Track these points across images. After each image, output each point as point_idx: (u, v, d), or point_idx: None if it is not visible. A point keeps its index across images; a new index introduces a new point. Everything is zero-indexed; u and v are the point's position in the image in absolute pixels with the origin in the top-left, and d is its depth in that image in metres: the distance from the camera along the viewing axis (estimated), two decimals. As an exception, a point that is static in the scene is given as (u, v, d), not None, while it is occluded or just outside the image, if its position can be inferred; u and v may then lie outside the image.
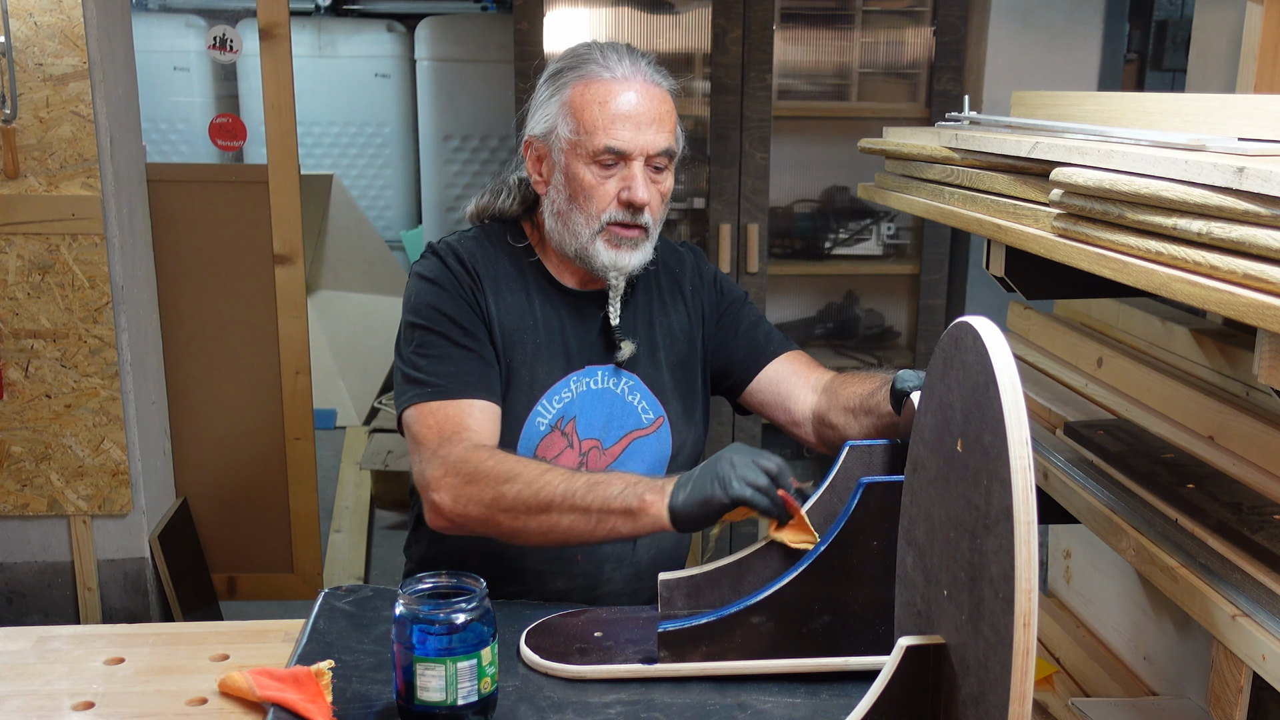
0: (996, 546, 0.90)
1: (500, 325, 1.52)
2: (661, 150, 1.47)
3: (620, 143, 1.45)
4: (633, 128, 1.45)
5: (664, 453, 1.59)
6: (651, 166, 1.48)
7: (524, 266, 1.57)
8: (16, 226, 2.65)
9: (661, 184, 1.50)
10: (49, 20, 2.57)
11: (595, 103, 1.46)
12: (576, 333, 1.56)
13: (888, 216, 3.19)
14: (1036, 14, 2.97)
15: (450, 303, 1.50)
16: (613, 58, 1.48)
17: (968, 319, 0.97)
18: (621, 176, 1.47)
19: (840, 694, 1.25)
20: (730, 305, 1.67)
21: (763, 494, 1.26)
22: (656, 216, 1.51)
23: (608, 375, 1.56)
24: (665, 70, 1.53)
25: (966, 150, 1.47)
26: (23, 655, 1.38)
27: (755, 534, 3.12)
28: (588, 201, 1.47)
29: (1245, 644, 0.99)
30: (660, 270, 1.65)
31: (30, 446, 2.77)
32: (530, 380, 1.53)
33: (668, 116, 1.49)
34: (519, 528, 1.36)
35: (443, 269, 1.53)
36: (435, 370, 1.47)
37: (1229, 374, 1.34)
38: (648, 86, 1.48)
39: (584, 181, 1.47)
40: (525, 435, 1.52)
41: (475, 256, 1.55)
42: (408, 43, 6.14)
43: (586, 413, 1.55)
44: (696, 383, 1.64)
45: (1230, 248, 0.90)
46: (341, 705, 1.21)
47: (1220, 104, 1.12)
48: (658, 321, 1.61)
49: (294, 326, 3.02)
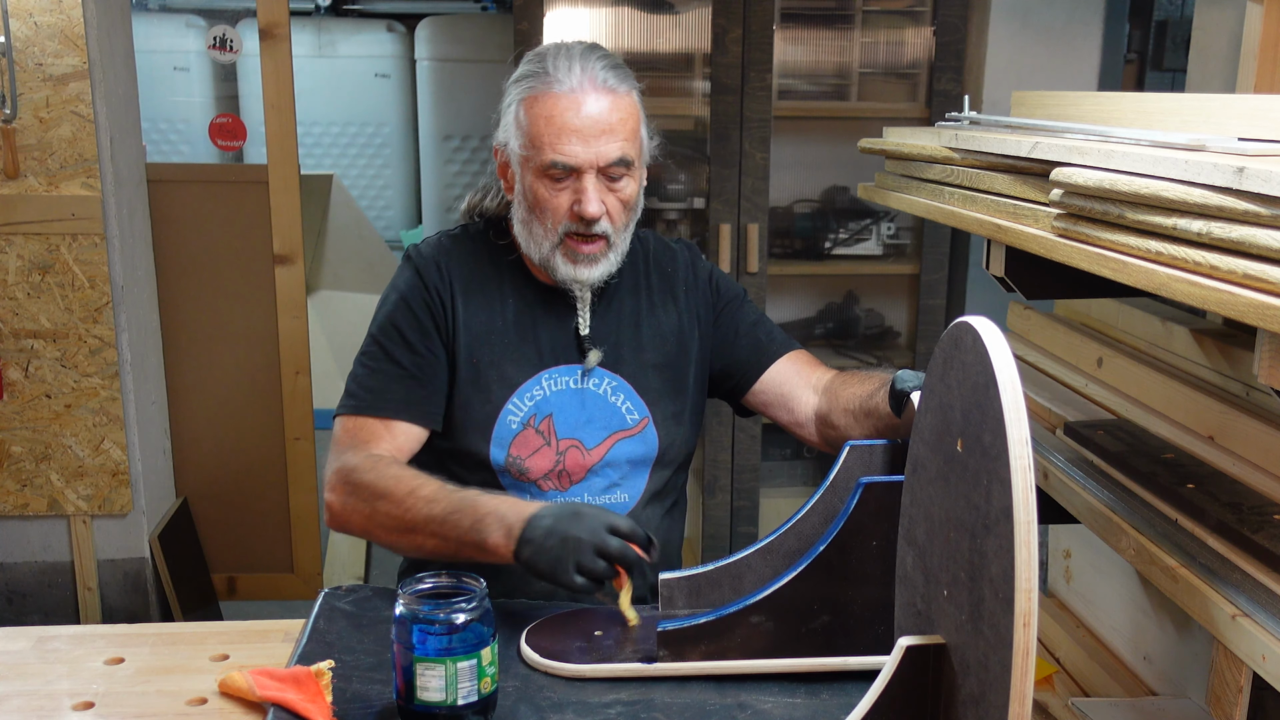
0: (996, 546, 0.90)
1: (466, 328, 1.54)
2: (614, 160, 1.45)
3: (567, 158, 1.44)
4: (580, 141, 1.43)
5: (650, 453, 1.59)
6: (606, 176, 1.47)
7: (502, 265, 1.58)
8: (16, 226, 2.65)
9: (620, 191, 1.48)
10: (49, 20, 2.57)
11: (542, 118, 1.45)
12: (550, 331, 1.57)
13: (888, 216, 3.19)
14: (1036, 14, 2.97)
15: (408, 320, 1.54)
16: (563, 66, 1.45)
17: (968, 319, 0.97)
18: (574, 189, 1.46)
19: (840, 694, 1.25)
20: (728, 304, 1.66)
21: (596, 580, 1.28)
22: (618, 225, 1.50)
23: (588, 375, 1.57)
24: (626, 72, 1.50)
25: (966, 150, 1.47)
26: (23, 655, 1.38)
27: (755, 534, 3.12)
28: (543, 214, 1.48)
29: (1245, 644, 0.99)
30: (651, 269, 1.64)
31: (30, 446, 2.77)
32: (500, 378, 1.54)
33: (622, 124, 1.46)
34: (392, 543, 1.45)
35: (413, 279, 1.56)
36: (369, 385, 1.53)
37: (1229, 374, 1.34)
38: (599, 95, 1.44)
39: (538, 195, 1.48)
40: (497, 433, 1.53)
41: (451, 257, 1.57)
42: (408, 43, 6.14)
43: (564, 411, 1.55)
44: (687, 383, 1.63)
45: (1230, 248, 0.90)
46: (341, 705, 1.21)
47: (1220, 104, 1.12)
48: (645, 322, 1.61)
49: (294, 326, 3.02)
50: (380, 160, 6.36)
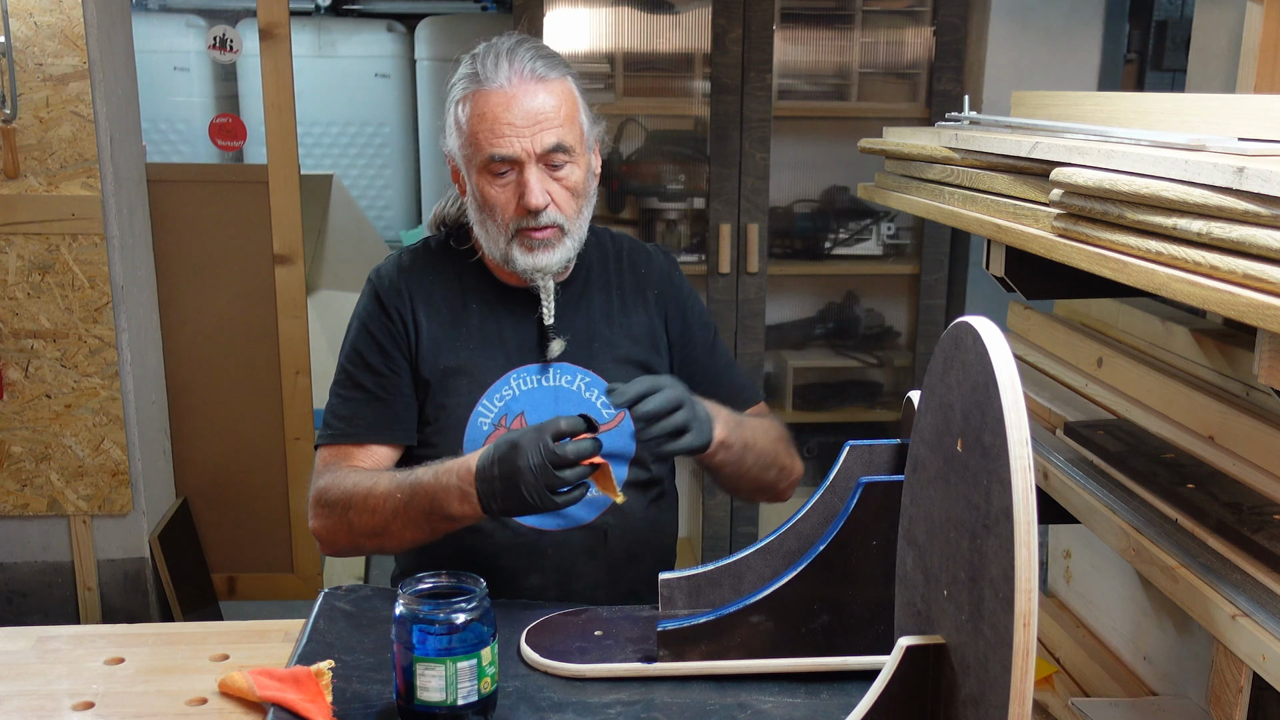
0: (996, 546, 0.91)
1: (430, 339, 1.56)
2: (550, 147, 1.45)
3: (505, 150, 1.45)
4: (515, 133, 1.44)
5: (627, 447, 1.59)
6: (548, 165, 1.47)
7: (464, 270, 1.60)
8: (16, 226, 2.65)
9: (565, 179, 1.48)
10: (49, 20, 2.57)
11: (475, 116, 1.46)
12: (516, 330, 1.57)
13: (888, 216, 3.19)
14: (1036, 14, 2.97)
15: (368, 343, 1.57)
16: (490, 64, 1.46)
17: (968, 319, 0.97)
18: (518, 183, 1.47)
19: (840, 694, 1.25)
20: (695, 337, 1.66)
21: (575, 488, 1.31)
22: (569, 212, 1.50)
23: (560, 372, 1.57)
24: (557, 59, 1.50)
25: (966, 150, 1.47)
26: (23, 655, 1.38)
27: (755, 534, 3.12)
28: (493, 212, 1.49)
29: (1245, 644, 0.99)
30: (625, 268, 1.65)
31: (30, 446, 2.77)
32: (467, 382, 1.55)
33: (556, 111, 1.46)
34: (378, 547, 1.49)
35: (369, 304, 1.59)
36: (340, 413, 1.58)
37: (1229, 374, 1.34)
38: (528, 86, 1.45)
39: (485, 193, 1.49)
40: (469, 436, 1.54)
41: (410, 273, 1.60)
42: (408, 43, 6.13)
43: (536, 409, 1.55)
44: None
45: (1230, 248, 0.90)
46: (341, 705, 1.22)
47: (1220, 104, 1.12)
48: (617, 319, 1.62)
49: (294, 326, 3.02)
50: (380, 160, 6.36)
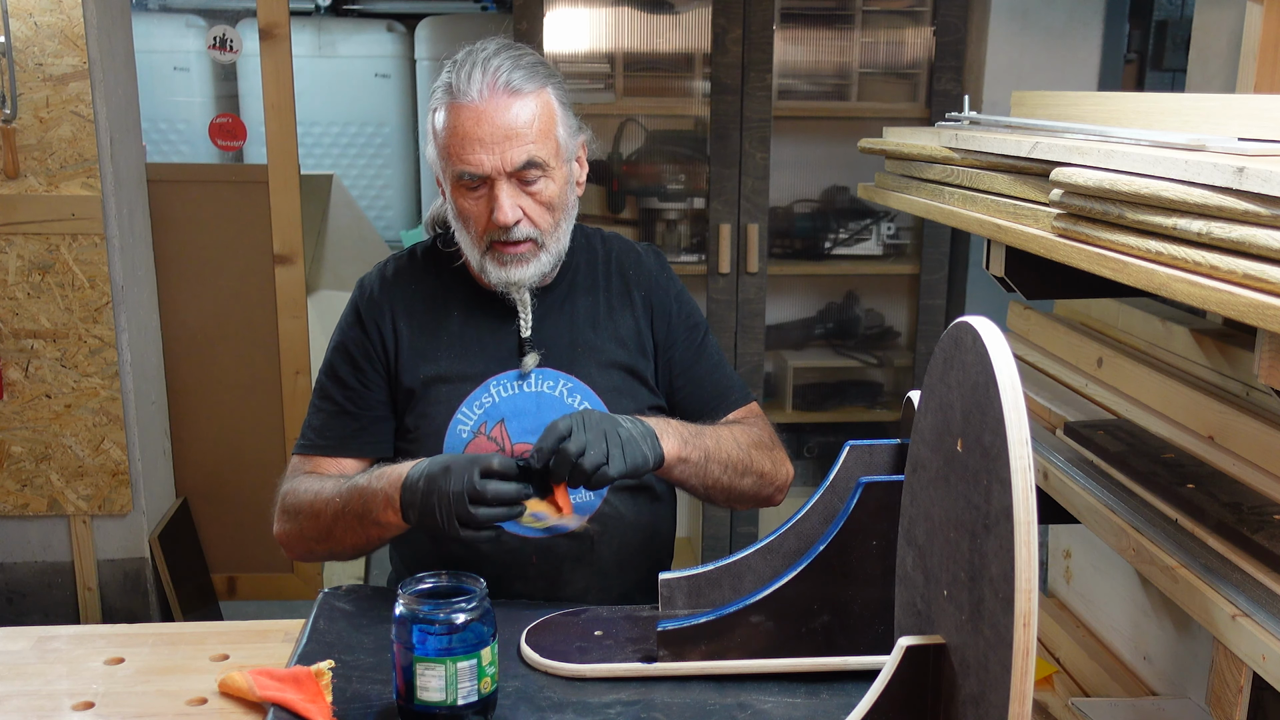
0: (996, 546, 0.91)
1: (411, 348, 1.56)
2: (521, 165, 1.42)
3: (473, 167, 1.43)
4: (484, 150, 1.42)
5: None
6: (520, 180, 1.44)
7: (447, 277, 1.59)
8: (16, 226, 2.65)
9: (539, 194, 1.45)
10: (49, 20, 2.57)
11: (448, 129, 1.44)
12: (496, 337, 1.56)
13: (888, 216, 3.20)
14: (1036, 14, 2.97)
15: (342, 357, 1.58)
16: (464, 76, 1.43)
17: (968, 319, 0.97)
18: (489, 197, 1.45)
19: (840, 694, 1.25)
20: (679, 338, 1.64)
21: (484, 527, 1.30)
22: (544, 225, 1.47)
23: (542, 378, 1.55)
24: (537, 69, 1.46)
25: (966, 150, 1.47)
26: (23, 655, 1.38)
27: (755, 534, 3.12)
28: (467, 224, 1.48)
29: (1245, 644, 0.99)
30: (613, 270, 1.63)
31: (30, 446, 2.77)
32: (447, 390, 1.54)
33: (529, 126, 1.42)
34: (328, 551, 1.49)
35: (349, 316, 1.60)
36: (313, 424, 1.59)
37: (1229, 374, 1.34)
38: (500, 100, 1.42)
39: (459, 205, 1.48)
40: (449, 444, 1.53)
41: (392, 284, 1.60)
42: (408, 43, 6.13)
43: (518, 416, 1.53)
44: (647, 382, 1.61)
45: (1230, 248, 0.90)
46: (341, 705, 1.22)
47: (1220, 104, 1.12)
48: (603, 323, 1.59)
49: (294, 326, 3.03)
50: (380, 160, 6.35)
